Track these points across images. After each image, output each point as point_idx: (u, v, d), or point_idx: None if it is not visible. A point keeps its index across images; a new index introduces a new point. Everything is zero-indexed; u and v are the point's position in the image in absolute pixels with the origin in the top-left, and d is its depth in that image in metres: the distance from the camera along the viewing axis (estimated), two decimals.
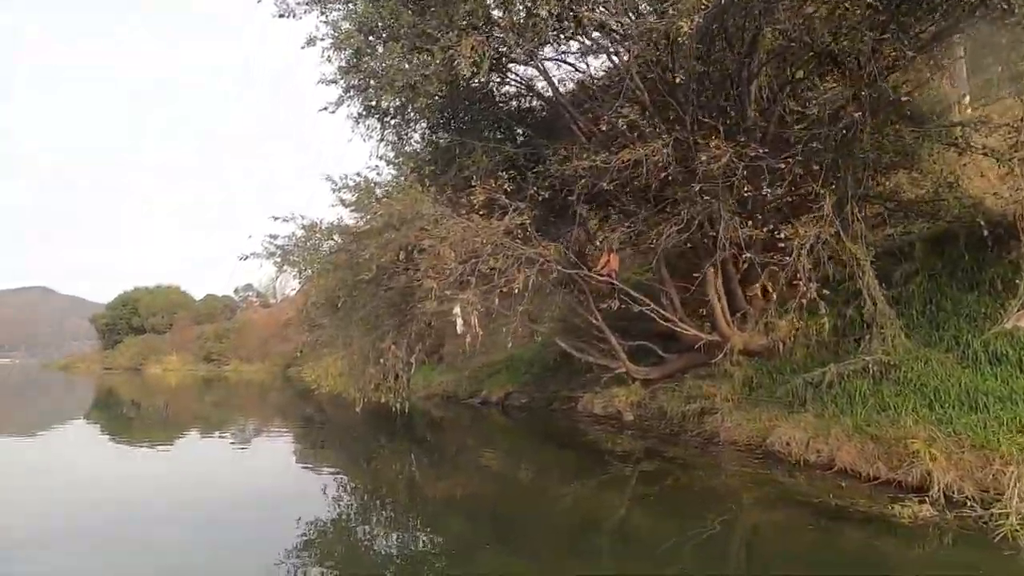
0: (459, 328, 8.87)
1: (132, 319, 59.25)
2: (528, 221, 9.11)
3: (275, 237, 9.82)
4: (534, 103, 12.48)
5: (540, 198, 9.63)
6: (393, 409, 10.11)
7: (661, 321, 10.68)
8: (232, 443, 13.62)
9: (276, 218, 9.76)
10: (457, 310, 8.59)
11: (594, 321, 10.94)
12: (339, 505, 7.43)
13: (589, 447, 10.63)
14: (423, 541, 6.12)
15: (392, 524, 6.75)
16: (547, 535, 5.89)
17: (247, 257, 9.60)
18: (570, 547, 5.51)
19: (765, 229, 8.85)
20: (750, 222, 8.84)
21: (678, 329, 10.84)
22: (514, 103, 12.53)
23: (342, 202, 10.19)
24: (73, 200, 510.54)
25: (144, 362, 48.26)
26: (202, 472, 9.52)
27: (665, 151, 8.55)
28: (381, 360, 9.43)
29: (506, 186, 9.27)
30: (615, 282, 10.39)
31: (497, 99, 12.07)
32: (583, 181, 9.13)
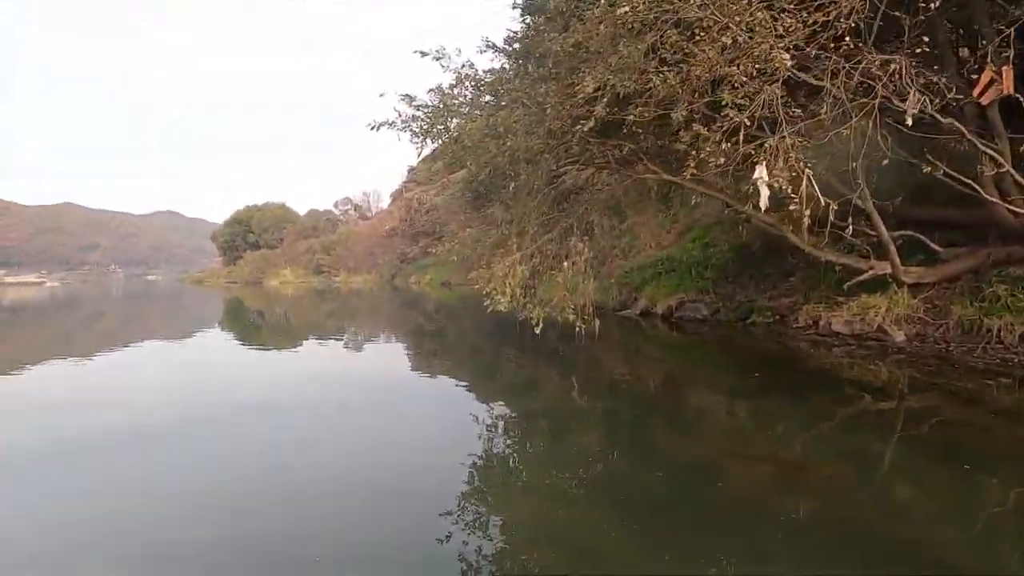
0: (763, 200, 5.46)
1: (247, 236, 62.51)
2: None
3: (412, 98, 7.03)
4: None
5: None
6: (578, 328, 7.63)
7: (973, 192, 6.85)
8: (349, 348, 13.54)
9: (422, 53, 6.80)
10: (762, 172, 5.16)
11: (860, 203, 7.24)
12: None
13: (854, 385, 7.40)
14: (596, 506, 3.54)
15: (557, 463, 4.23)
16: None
17: (378, 127, 6.94)
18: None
19: None
20: None
21: (996, 205, 6.97)
22: None
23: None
24: (186, 131, 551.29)
25: (262, 275, 50.78)
26: (325, 371, 9.78)
27: None
28: (566, 264, 6.69)
29: None
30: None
31: None
32: None
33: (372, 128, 6.95)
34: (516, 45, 7.43)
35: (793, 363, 8.30)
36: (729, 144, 5.07)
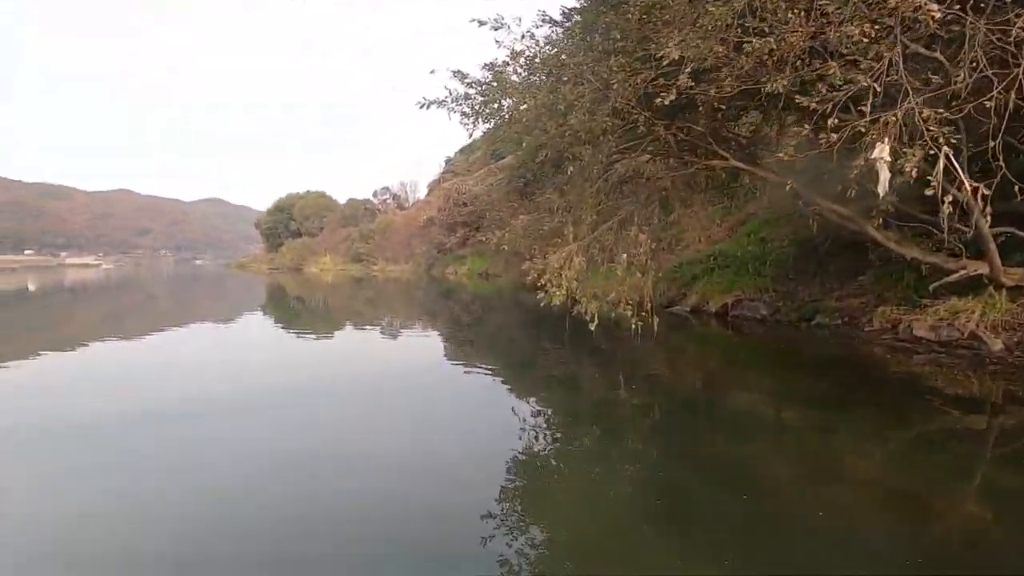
0: (883, 184, 4.75)
1: (289, 223, 63.97)
2: None
3: (464, 76, 6.64)
4: None
5: None
6: (634, 326, 7.17)
7: None
8: (384, 335, 13.88)
9: (479, 22, 6.37)
10: (883, 151, 4.44)
11: (956, 193, 6.39)
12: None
13: (939, 397, 6.68)
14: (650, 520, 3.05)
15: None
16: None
17: (428, 105, 6.56)
18: None
19: None
20: None
21: None
22: None
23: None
24: (234, 122, 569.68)
25: (303, 262, 51.89)
26: (358, 356, 10.38)
27: None
28: (625, 256, 6.20)
29: None
30: None
31: None
32: None
33: (422, 106, 6.56)
34: (577, 18, 6.89)
35: (869, 370, 7.56)
36: (828, 121, 4.42)
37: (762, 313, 11.16)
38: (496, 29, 6.22)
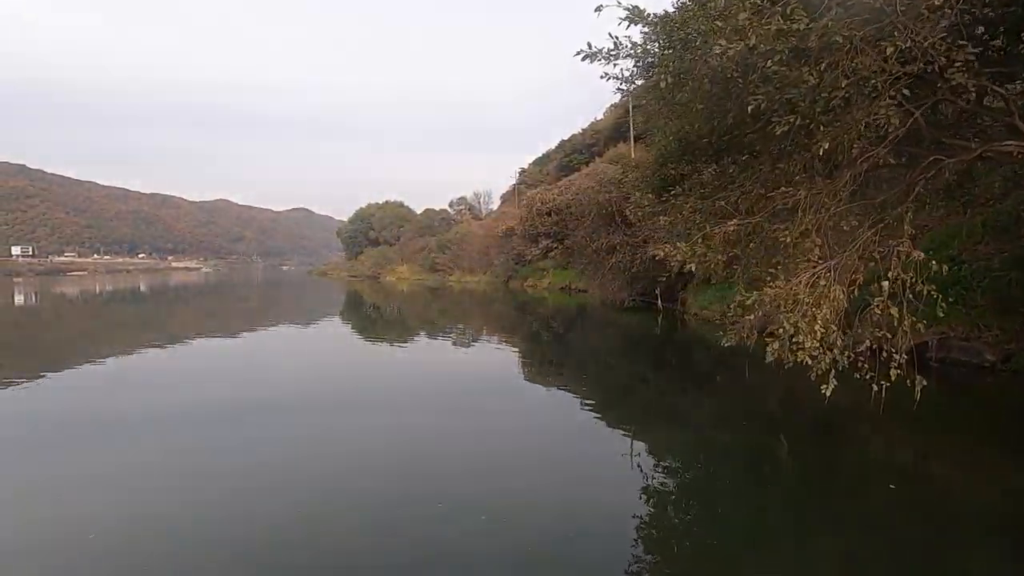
0: None
1: (368, 232, 66.30)
2: None
3: (640, 12, 5.01)
4: None
5: None
6: (877, 385, 4.31)
7: None
8: (456, 346, 13.84)
9: None
10: None
11: None
12: None
13: None
14: None
15: None
16: None
17: (587, 56, 5.34)
18: None
19: None
20: None
21: None
22: None
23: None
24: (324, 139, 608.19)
25: (380, 271, 53.36)
26: (434, 370, 10.30)
27: None
28: (885, 283, 4.14)
29: None
30: None
31: None
32: None
33: (582, 58, 5.32)
34: None
35: None
36: None
37: (985, 359, 8.40)
38: None
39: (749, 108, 4.15)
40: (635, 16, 4.75)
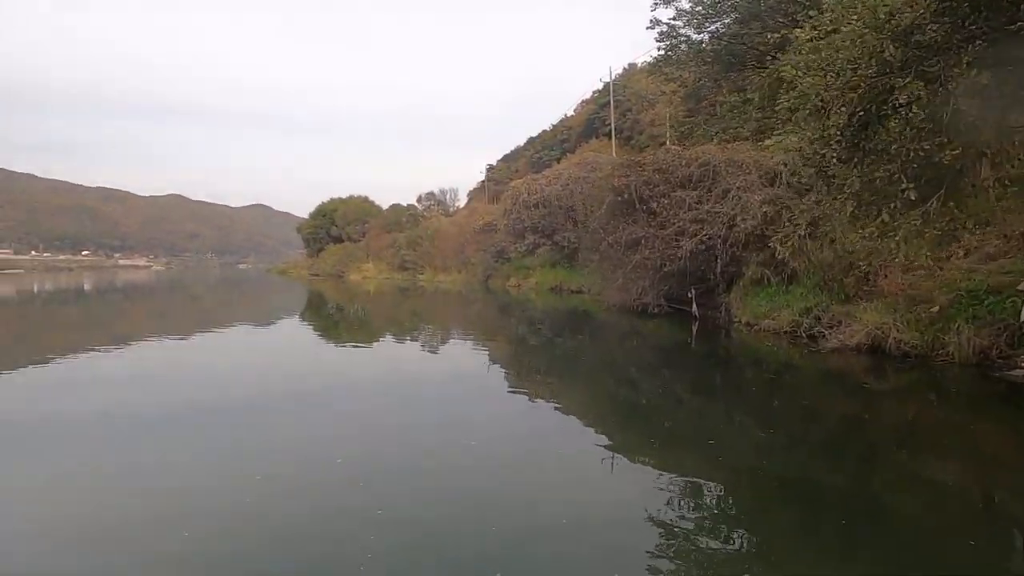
0: None
1: (330, 228, 63.88)
2: None
3: None
4: None
5: None
6: None
7: None
8: (424, 350, 12.95)
9: None
10: None
11: None
12: None
13: None
14: None
15: None
16: None
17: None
18: None
19: None
20: None
21: None
22: None
23: None
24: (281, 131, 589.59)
25: (344, 269, 51.33)
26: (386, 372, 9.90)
27: None
28: None
29: None
30: None
31: None
32: None
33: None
34: None
35: None
36: None
37: None
38: None
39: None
40: None
